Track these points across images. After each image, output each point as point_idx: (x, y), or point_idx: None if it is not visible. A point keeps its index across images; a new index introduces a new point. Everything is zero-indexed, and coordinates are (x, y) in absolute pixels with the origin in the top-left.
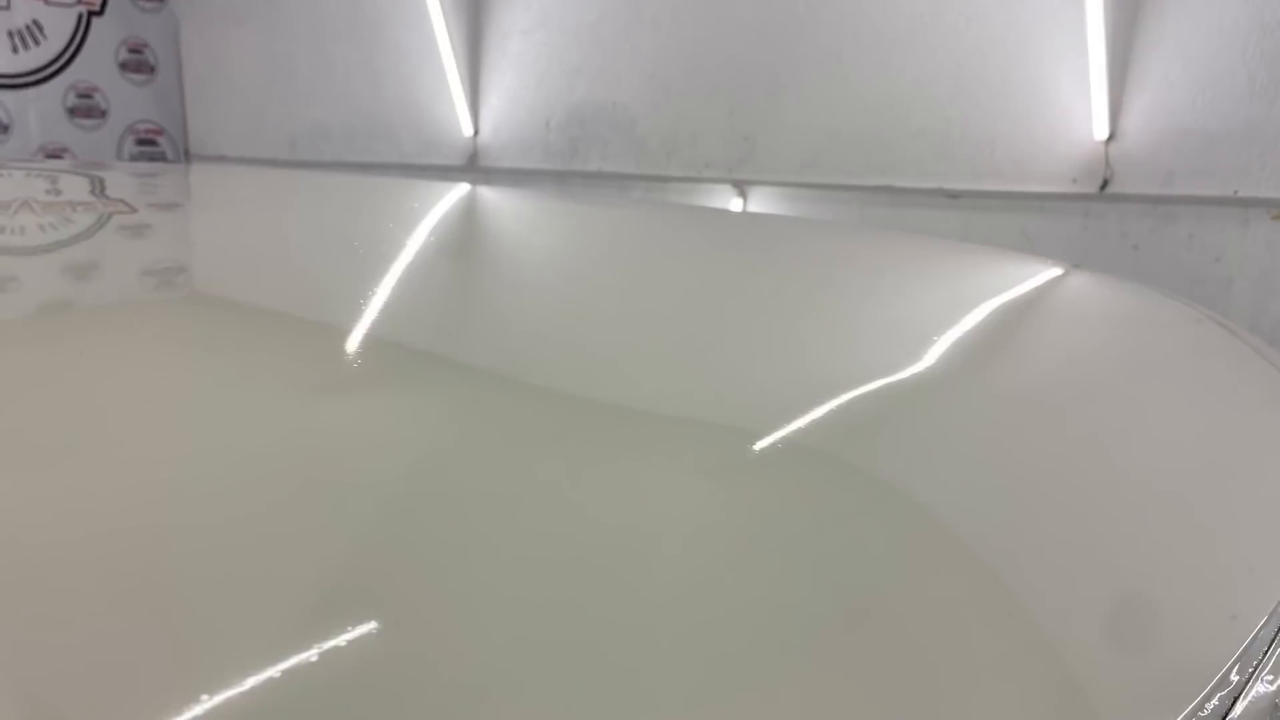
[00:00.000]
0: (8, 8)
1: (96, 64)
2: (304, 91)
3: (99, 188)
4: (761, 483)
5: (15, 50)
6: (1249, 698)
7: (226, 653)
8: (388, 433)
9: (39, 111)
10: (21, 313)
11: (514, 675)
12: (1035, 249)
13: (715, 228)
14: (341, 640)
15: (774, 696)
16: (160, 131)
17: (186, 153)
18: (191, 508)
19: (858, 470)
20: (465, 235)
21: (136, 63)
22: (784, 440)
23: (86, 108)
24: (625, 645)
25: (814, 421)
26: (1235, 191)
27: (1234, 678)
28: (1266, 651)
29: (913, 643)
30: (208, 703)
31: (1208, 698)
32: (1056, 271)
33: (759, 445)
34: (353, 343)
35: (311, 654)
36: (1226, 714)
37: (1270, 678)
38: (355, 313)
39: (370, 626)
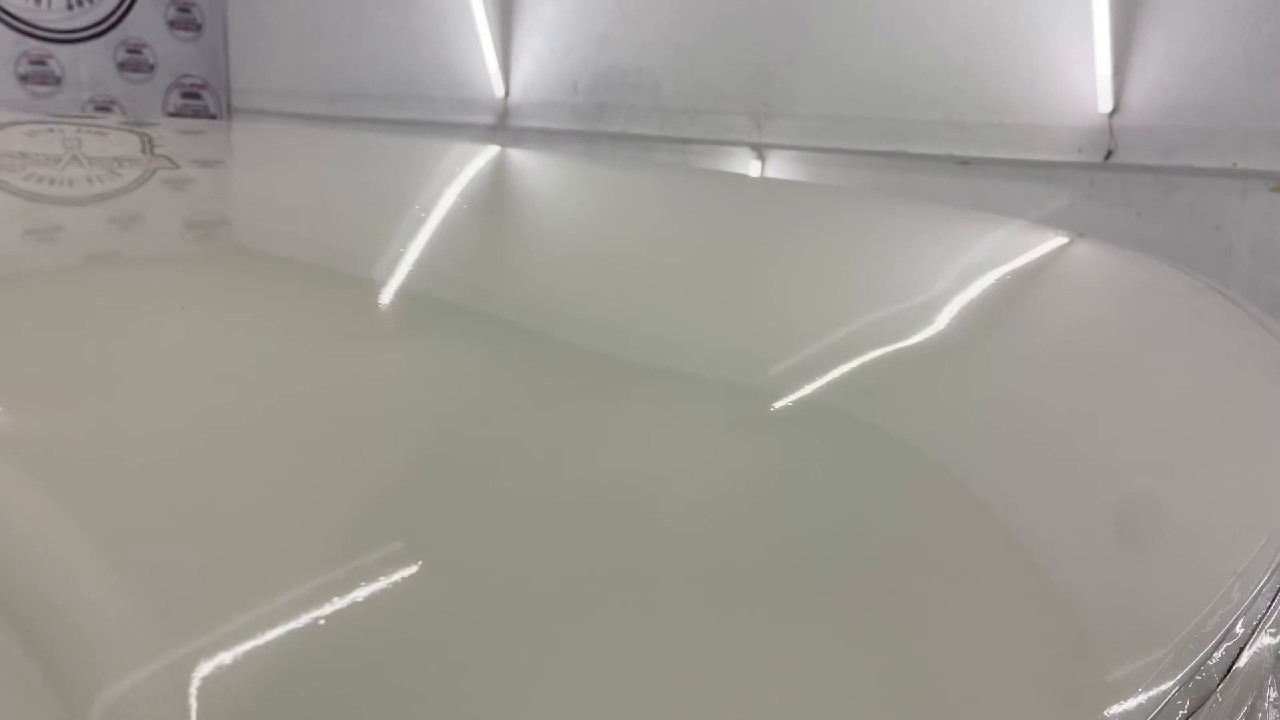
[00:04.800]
0: None
1: (146, 21)
2: (344, 51)
3: (147, 145)
4: (778, 437)
5: (70, 8)
6: (1253, 649)
7: (262, 587)
8: (421, 383)
9: (90, 65)
10: (70, 261)
11: (540, 614)
12: (1042, 215)
13: (736, 194)
14: (375, 580)
15: (787, 628)
16: (204, 86)
17: (229, 106)
18: (229, 450)
19: (871, 426)
20: (496, 197)
21: (184, 20)
22: (800, 398)
23: (135, 62)
24: (646, 586)
25: (829, 380)
26: (1234, 164)
27: (1239, 630)
28: (1270, 606)
29: (923, 594)
30: (243, 631)
31: (1215, 648)
32: (1062, 240)
33: (775, 402)
34: (387, 296)
35: (343, 592)
36: (1232, 665)
37: (1274, 631)
38: (390, 269)
39: (404, 570)
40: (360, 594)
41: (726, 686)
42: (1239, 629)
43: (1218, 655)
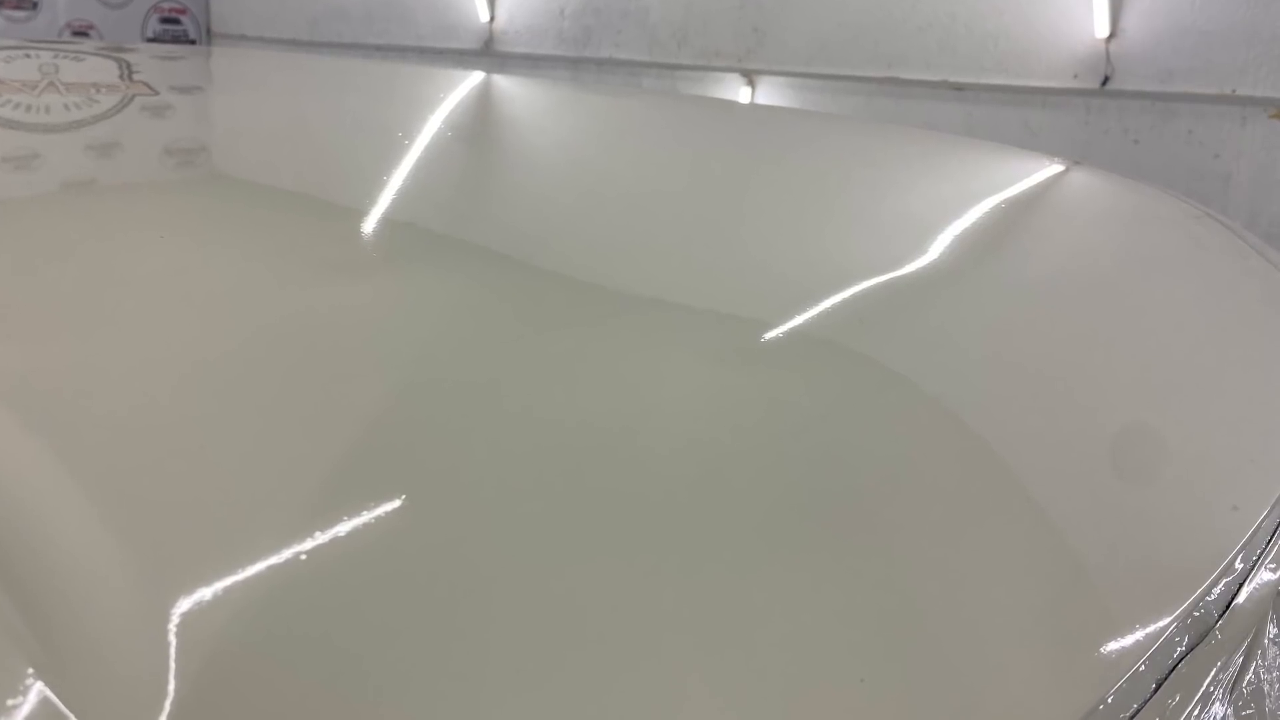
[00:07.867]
0: None
1: None
2: None
3: (125, 71)
4: (770, 366)
5: None
6: (1253, 584)
7: (247, 523)
8: (407, 313)
9: None
10: (46, 189)
11: (528, 549)
12: (1037, 142)
13: (726, 122)
14: (358, 518)
15: (778, 560)
16: (184, 10)
17: (208, 31)
18: (211, 383)
19: (865, 356)
20: (480, 124)
21: None
22: (792, 327)
23: None
24: (637, 518)
25: (821, 310)
26: (1233, 90)
27: (1238, 566)
28: (1269, 541)
29: (918, 527)
30: (226, 569)
31: (1213, 584)
32: (1059, 168)
33: (767, 332)
34: (370, 225)
35: (330, 527)
36: (1231, 600)
37: (1273, 566)
38: (373, 197)
39: (393, 504)
40: (348, 529)
41: (718, 613)
42: (1238, 564)
43: (1216, 591)
